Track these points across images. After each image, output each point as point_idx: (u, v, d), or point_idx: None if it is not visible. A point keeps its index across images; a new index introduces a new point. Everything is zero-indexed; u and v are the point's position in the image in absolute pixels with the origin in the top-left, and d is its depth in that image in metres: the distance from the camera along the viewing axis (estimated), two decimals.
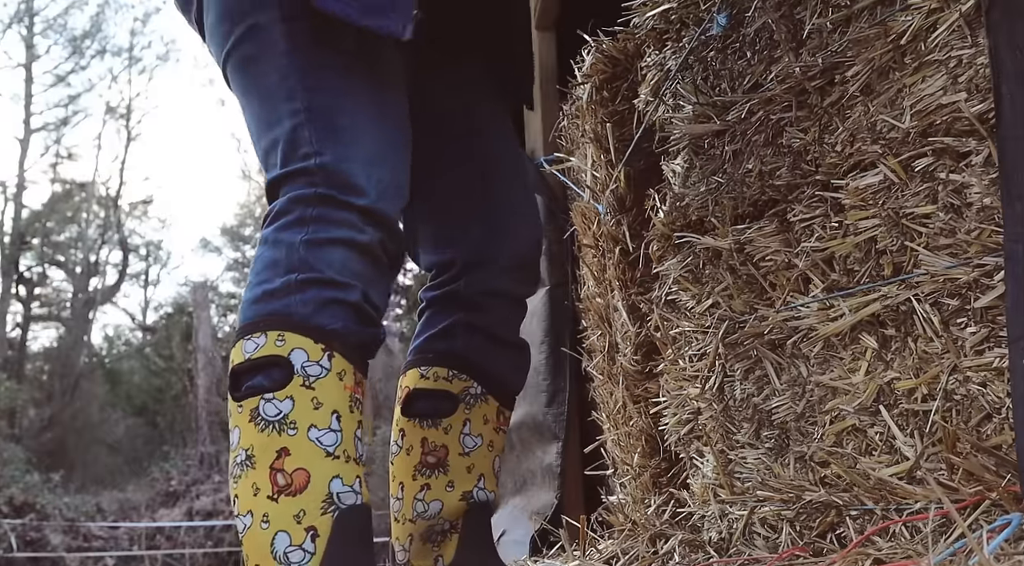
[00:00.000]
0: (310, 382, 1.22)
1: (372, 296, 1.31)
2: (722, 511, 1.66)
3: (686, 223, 1.78)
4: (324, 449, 1.20)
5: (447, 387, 1.55)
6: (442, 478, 1.52)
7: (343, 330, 1.26)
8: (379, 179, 1.33)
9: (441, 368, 1.55)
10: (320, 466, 1.19)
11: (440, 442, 1.53)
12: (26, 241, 19.87)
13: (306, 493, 1.18)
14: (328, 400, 1.23)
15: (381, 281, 1.34)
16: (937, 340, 1.30)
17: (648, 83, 1.93)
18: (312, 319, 1.25)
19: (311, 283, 1.27)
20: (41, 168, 26.55)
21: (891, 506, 1.34)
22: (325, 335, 1.25)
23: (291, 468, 1.19)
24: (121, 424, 18.79)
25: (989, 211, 1.23)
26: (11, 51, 28.67)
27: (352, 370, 1.27)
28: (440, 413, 1.54)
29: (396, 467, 1.56)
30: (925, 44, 1.31)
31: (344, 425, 1.22)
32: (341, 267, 1.28)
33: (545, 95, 2.67)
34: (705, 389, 1.73)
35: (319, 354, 1.24)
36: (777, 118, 1.55)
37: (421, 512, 1.52)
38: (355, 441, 1.24)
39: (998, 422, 1.23)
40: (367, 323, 1.30)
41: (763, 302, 1.61)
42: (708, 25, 1.70)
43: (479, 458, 1.55)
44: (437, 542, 1.52)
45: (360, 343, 1.29)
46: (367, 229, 1.31)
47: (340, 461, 1.21)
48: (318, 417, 1.21)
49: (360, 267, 1.30)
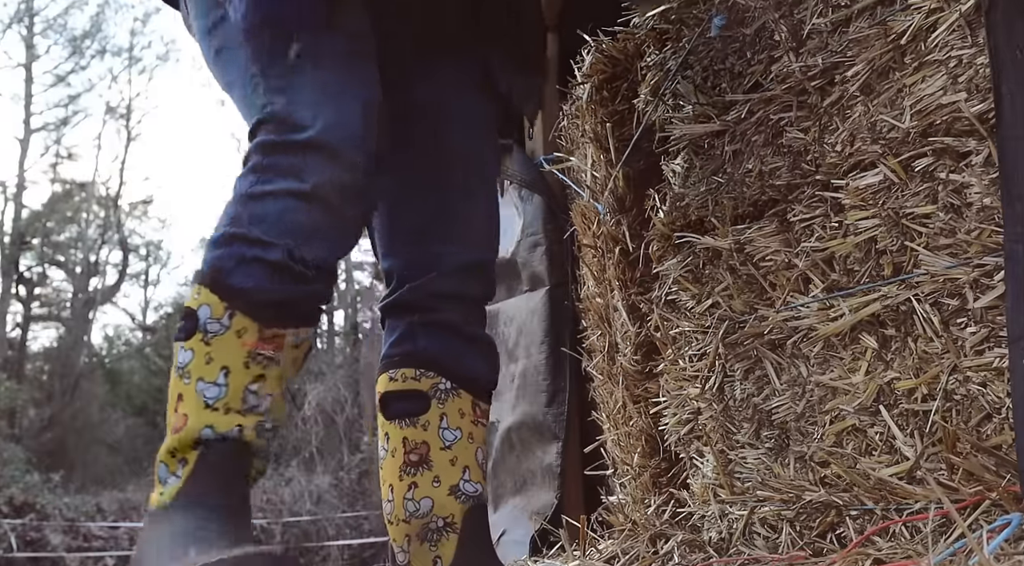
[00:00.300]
0: (208, 338, 1.34)
1: (306, 251, 1.35)
2: (722, 511, 1.66)
3: (686, 223, 1.78)
4: (204, 401, 1.32)
5: (416, 386, 1.58)
6: (427, 474, 1.55)
7: (252, 289, 1.34)
8: (325, 116, 1.37)
9: (408, 369, 1.59)
10: (198, 415, 1.32)
11: (420, 439, 1.56)
12: (26, 241, 19.87)
13: (182, 434, 1.32)
14: (219, 356, 1.34)
15: (329, 228, 1.38)
16: (937, 340, 1.30)
17: (648, 83, 1.93)
18: (225, 276, 1.34)
19: (235, 239, 1.35)
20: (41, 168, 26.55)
21: (891, 506, 1.34)
22: (231, 294, 1.34)
23: (181, 411, 1.33)
24: (121, 424, 18.78)
25: (989, 211, 1.23)
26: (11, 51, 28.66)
27: (257, 328, 1.34)
28: (415, 412, 1.57)
29: (384, 470, 1.59)
30: (925, 44, 1.31)
31: (232, 380, 1.33)
32: (276, 220, 1.34)
33: (545, 95, 2.67)
34: (705, 389, 1.73)
35: (221, 312, 1.34)
36: (777, 118, 1.55)
37: (413, 511, 1.54)
38: (245, 393, 1.34)
39: (998, 422, 1.23)
40: (291, 281, 1.35)
41: (763, 302, 1.61)
42: (706, 26, 1.70)
43: (461, 450, 1.57)
44: (434, 541, 1.54)
45: (274, 301, 1.35)
46: (312, 173, 1.35)
47: (218, 413, 1.32)
48: (208, 371, 1.33)
49: (301, 218, 1.35)
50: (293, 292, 1.36)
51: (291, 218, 1.35)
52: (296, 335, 1.39)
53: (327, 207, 1.37)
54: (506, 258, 2.70)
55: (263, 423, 1.35)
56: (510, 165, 2.66)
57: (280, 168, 1.36)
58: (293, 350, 1.40)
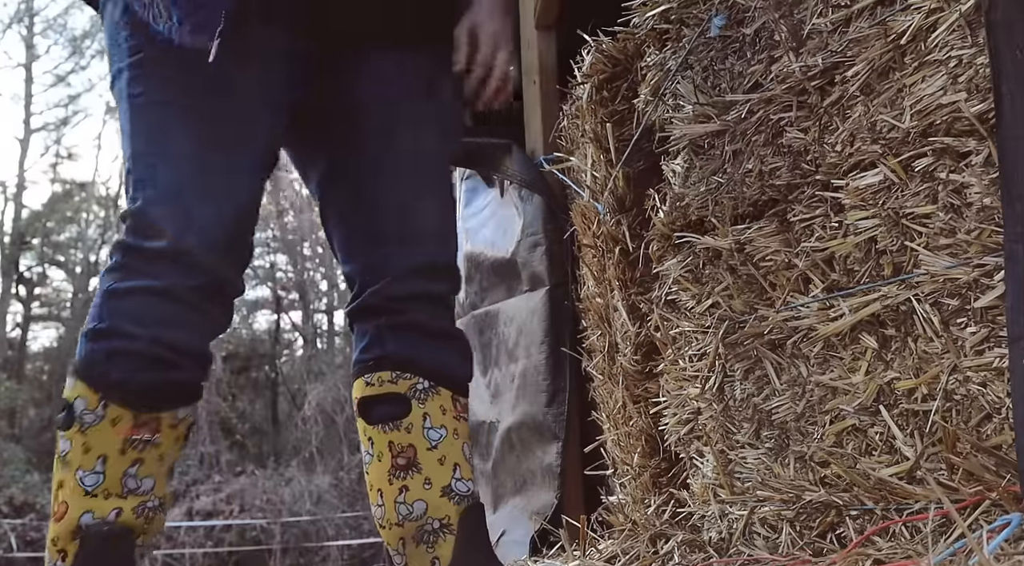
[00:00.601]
0: (84, 428, 1.42)
1: (171, 338, 1.44)
2: (722, 511, 1.66)
3: (686, 223, 1.78)
4: (84, 488, 1.41)
5: (394, 389, 1.57)
6: (417, 477, 1.54)
7: (122, 380, 1.42)
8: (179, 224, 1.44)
9: (383, 372, 1.58)
10: (77, 502, 1.40)
11: (406, 442, 1.55)
12: (26, 241, 19.86)
13: (63, 522, 1.40)
14: (97, 445, 1.42)
15: (190, 319, 1.46)
16: (937, 340, 1.30)
17: (648, 83, 1.93)
18: (96, 369, 1.43)
19: (104, 334, 1.44)
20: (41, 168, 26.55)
21: (891, 506, 1.34)
22: (104, 385, 1.43)
23: (61, 499, 1.42)
24: None
25: (989, 211, 1.23)
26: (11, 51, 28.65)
27: (131, 415, 1.43)
28: (397, 415, 1.56)
29: (371, 475, 1.59)
30: (925, 44, 1.31)
31: (109, 467, 1.42)
32: (139, 315, 1.43)
33: (545, 95, 2.67)
34: (705, 389, 1.73)
35: (95, 403, 1.42)
36: (777, 118, 1.55)
37: (406, 515, 1.53)
38: (123, 479, 1.43)
39: (998, 422, 1.23)
40: (159, 368, 1.44)
41: (763, 302, 1.61)
42: (706, 26, 1.70)
43: (448, 448, 1.56)
44: (431, 543, 1.53)
45: (144, 389, 1.43)
46: (165, 273, 1.43)
47: (98, 499, 1.41)
48: (85, 460, 1.41)
49: (159, 311, 1.44)
50: (163, 379, 1.44)
51: (153, 311, 1.43)
52: (174, 416, 1.47)
53: (186, 304, 1.45)
54: (506, 258, 2.71)
55: (145, 503, 1.44)
56: (510, 165, 2.66)
57: (138, 268, 1.44)
58: (172, 430, 1.48)
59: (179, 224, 1.43)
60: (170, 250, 1.43)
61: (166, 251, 1.43)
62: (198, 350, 1.48)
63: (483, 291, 2.88)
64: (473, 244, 2.94)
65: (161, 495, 1.47)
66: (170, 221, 1.43)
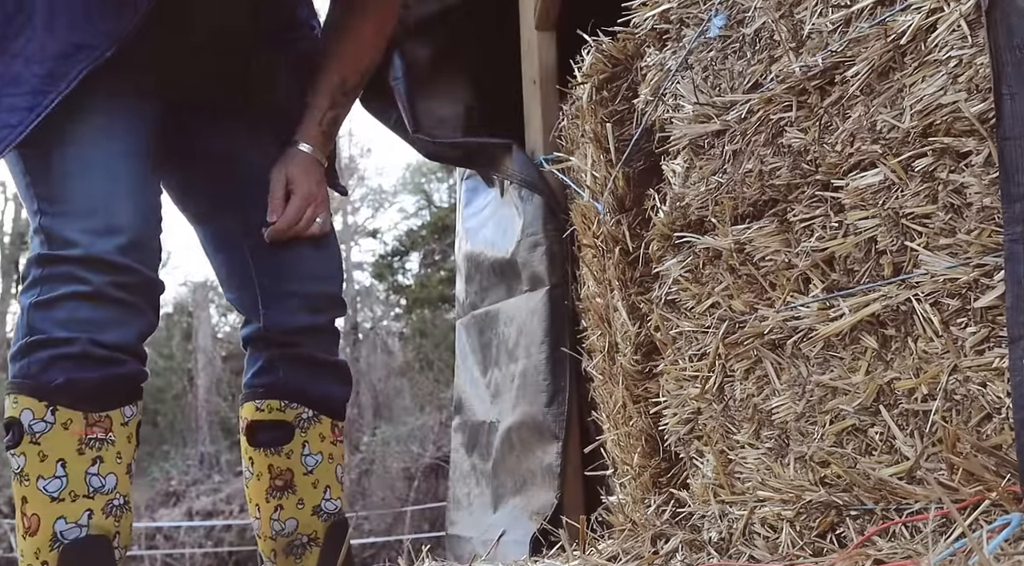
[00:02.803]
0: (36, 438, 1.43)
1: (105, 338, 1.46)
2: (722, 511, 1.66)
3: (686, 223, 1.78)
4: (49, 495, 1.42)
5: (282, 417, 1.70)
6: (292, 498, 1.68)
7: (67, 382, 1.44)
8: (92, 228, 1.47)
9: (273, 400, 1.70)
10: (46, 510, 1.41)
11: (284, 466, 1.69)
12: (26, 241, 19.88)
13: (38, 534, 1.41)
14: (53, 451, 1.43)
15: (120, 318, 1.48)
16: (937, 340, 1.30)
17: (648, 83, 1.93)
18: (37, 379, 1.44)
19: (37, 345, 1.45)
20: None
21: (891, 506, 1.34)
22: (48, 393, 1.43)
23: (29, 513, 1.43)
24: None
25: (989, 211, 1.23)
26: None
27: (81, 415, 1.44)
28: (280, 441, 1.70)
29: (251, 490, 1.72)
30: (925, 44, 1.31)
31: (70, 469, 1.43)
32: (67, 321, 1.45)
33: (545, 95, 2.67)
34: (705, 389, 1.73)
35: (43, 411, 1.43)
36: (777, 118, 1.55)
37: (279, 530, 1.68)
38: (86, 478, 1.44)
39: (998, 422, 1.23)
40: (100, 366, 1.46)
41: (763, 302, 1.61)
42: (706, 26, 1.70)
43: (322, 473, 1.71)
44: (299, 555, 1.69)
45: (91, 387, 1.45)
46: (88, 277, 1.46)
47: (65, 503, 1.42)
48: (44, 468, 1.43)
49: (88, 314, 1.46)
50: (107, 376, 1.47)
51: (83, 314, 1.45)
52: (122, 415, 1.49)
53: (114, 302, 1.47)
54: (506, 258, 2.71)
55: (111, 501, 1.46)
56: (510, 165, 2.66)
57: (61, 276, 1.46)
58: (124, 428, 1.50)
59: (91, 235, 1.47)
60: (89, 256, 1.46)
61: (85, 258, 1.46)
62: (134, 348, 1.51)
63: (483, 291, 2.88)
64: (473, 244, 2.94)
65: (125, 493, 1.49)
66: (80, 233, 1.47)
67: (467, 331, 2.98)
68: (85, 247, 1.46)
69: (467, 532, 2.84)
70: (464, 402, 2.98)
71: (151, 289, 1.54)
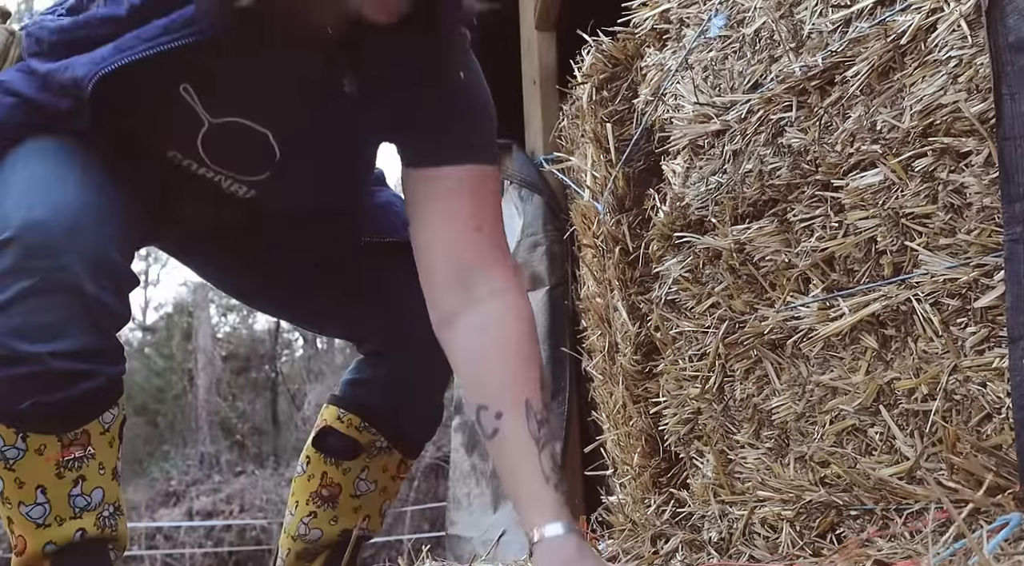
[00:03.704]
0: (10, 465, 1.31)
1: (67, 347, 1.24)
2: (722, 511, 1.66)
3: (686, 223, 1.77)
4: (34, 522, 1.33)
5: (356, 436, 1.64)
6: (329, 512, 1.65)
7: (31, 408, 1.26)
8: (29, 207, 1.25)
9: (355, 416, 1.64)
10: (33, 535, 1.34)
11: (336, 480, 1.66)
12: None
13: (26, 556, 1.35)
14: (30, 477, 1.32)
15: (84, 312, 1.25)
16: (937, 340, 1.30)
17: (648, 83, 1.93)
18: (2, 403, 1.26)
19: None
20: None
21: (891, 506, 1.34)
22: (14, 419, 1.28)
23: (18, 533, 1.35)
24: None
25: (989, 211, 1.23)
26: None
27: (55, 439, 1.31)
28: (343, 455, 1.65)
29: (296, 486, 1.69)
30: (925, 44, 1.31)
31: (51, 495, 1.32)
32: (23, 329, 1.22)
33: (545, 95, 2.67)
34: (705, 389, 1.73)
35: (13, 438, 1.30)
36: (777, 118, 1.55)
37: (303, 534, 1.66)
38: (70, 500, 1.34)
39: (998, 422, 1.23)
40: (67, 384, 1.26)
41: (763, 302, 1.61)
42: (706, 26, 1.70)
43: (368, 502, 1.67)
44: (308, 559, 1.68)
45: (61, 408, 1.28)
46: (29, 266, 1.22)
47: (52, 528, 1.33)
48: (24, 495, 1.33)
49: (45, 317, 1.23)
50: (77, 394, 1.27)
51: (39, 319, 1.22)
52: (101, 424, 1.34)
53: (67, 293, 1.24)
54: None
55: (102, 514, 1.37)
56: (510, 165, 2.67)
57: (9, 270, 1.22)
58: (104, 436, 1.36)
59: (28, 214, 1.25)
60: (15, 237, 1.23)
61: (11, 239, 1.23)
62: (105, 347, 1.30)
63: None
64: None
65: (114, 501, 1.38)
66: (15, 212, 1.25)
67: None
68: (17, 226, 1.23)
69: (467, 532, 2.84)
70: (464, 402, 2.98)
71: (105, 268, 1.28)
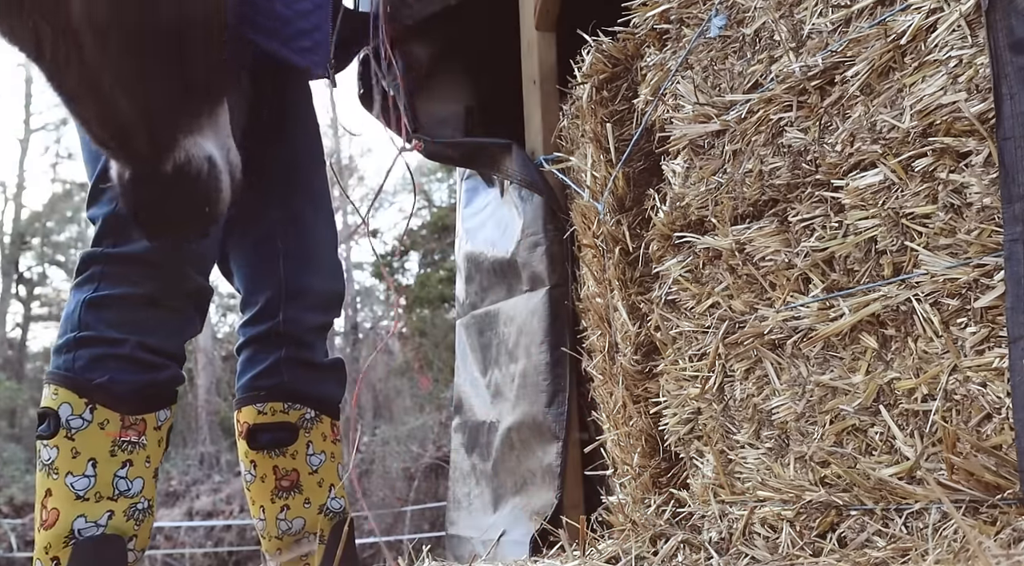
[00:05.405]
0: (72, 433, 1.43)
1: (153, 342, 1.48)
2: (722, 511, 1.66)
3: (686, 223, 1.77)
4: (75, 493, 1.42)
5: (285, 418, 1.71)
6: (298, 497, 1.71)
7: (108, 383, 1.45)
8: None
9: (276, 403, 1.71)
10: (69, 507, 1.41)
11: (290, 467, 1.72)
12: (26, 241, 19.85)
13: (55, 529, 1.41)
14: (86, 449, 1.43)
15: (168, 323, 1.51)
16: (937, 340, 1.30)
17: (648, 83, 1.93)
18: (81, 375, 1.44)
19: (86, 342, 1.45)
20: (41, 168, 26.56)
21: (891, 506, 1.34)
22: (89, 390, 1.44)
23: (50, 506, 1.42)
24: None
25: (989, 211, 1.23)
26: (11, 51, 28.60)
27: (119, 417, 1.45)
28: (284, 443, 1.72)
29: (253, 493, 1.74)
30: (925, 44, 1.31)
31: (100, 470, 1.43)
32: (118, 322, 1.46)
33: (545, 95, 2.67)
34: (705, 389, 1.73)
35: (82, 408, 1.44)
36: (777, 118, 1.55)
37: (286, 530, 1.71)
38: (114, 481, 1.44)
39: (998, 422, 1.23)
40: (143, 370, 1.47)
41: (763, 302, 1.61)
42: (706, 26, 1.70)
43: (326, 472, 1.74)
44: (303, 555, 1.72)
45: (130, 391, 1.46)
46: (144, 281, 1.47)
47: (89, 503, 1.42)
48: (75, 464, 1.43)
49: (139, 316, 1.47)
50: (147, 380, 1.48)
51: (133, 317, 1.47)
52: (156, 419, 1.50)
53: (164, 307, 1.49)
54: (506, 258, 2.70)
55: (135, 505, 1.46)
56: (510, 165, 2.66)
57: (116, 276, 1.47)
58: (156, 432, 1.51)
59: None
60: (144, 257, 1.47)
61: (143, 256, 1.47)
62: (177, 352, 1.53)
63: (483, 291, 2.88)
64: (473, 244, 2.94)
65: (150, 497, 1.50)
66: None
67: (467, 331, 2.98)
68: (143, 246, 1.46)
69: (467, 532, 2.84)
70: (464, 402, 2.98)
71: (201, 294, 1.56)
